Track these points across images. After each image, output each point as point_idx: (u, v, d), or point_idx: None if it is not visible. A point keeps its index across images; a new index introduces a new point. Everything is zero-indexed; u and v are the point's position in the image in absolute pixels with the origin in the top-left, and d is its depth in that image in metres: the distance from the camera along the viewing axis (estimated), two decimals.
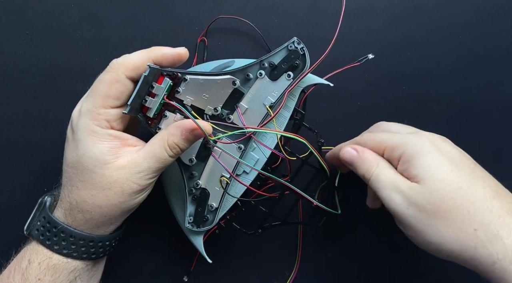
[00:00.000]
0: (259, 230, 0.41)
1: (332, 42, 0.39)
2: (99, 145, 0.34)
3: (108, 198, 0.34)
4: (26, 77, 0.46)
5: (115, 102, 0.34)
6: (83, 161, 0.33)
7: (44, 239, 0.34)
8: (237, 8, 0.46)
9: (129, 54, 0.35)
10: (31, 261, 0.34)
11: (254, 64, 0.38)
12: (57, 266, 0.34)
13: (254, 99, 0.38)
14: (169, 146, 0.34)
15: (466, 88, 0.47)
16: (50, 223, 0.35)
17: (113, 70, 0.34)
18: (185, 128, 0.34)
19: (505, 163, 0.47)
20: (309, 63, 0.37)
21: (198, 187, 0.39)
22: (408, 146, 0.34)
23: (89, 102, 0.34)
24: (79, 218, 0.34)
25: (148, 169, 0.34)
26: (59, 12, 0.46)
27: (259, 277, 0.46)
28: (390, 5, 0.47)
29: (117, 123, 0.35)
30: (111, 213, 0.35)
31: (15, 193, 0.45)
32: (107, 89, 0.34)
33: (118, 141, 0.34)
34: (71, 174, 0.34)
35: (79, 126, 0.34)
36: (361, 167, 0.36)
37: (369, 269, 0.46)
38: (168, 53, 0.36)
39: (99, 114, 0.34)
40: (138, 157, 0.34)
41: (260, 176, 0.39)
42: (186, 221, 0.39)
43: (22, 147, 0.45)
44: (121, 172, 0.33)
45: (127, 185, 0.34)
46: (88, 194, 0.34)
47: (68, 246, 0.34)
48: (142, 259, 0.46)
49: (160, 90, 0.36)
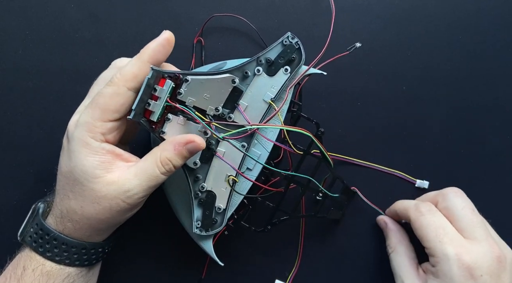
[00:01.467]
0: (268, 227, 0.41)
1: (328, 41, 0.39)
2: (90, 157, 0.33)
3: (96, 211, 0.33)
4: (26, 77, 0.46)
5: (114, 115, 0.34)
6: (75, 172, 0.33)
7: (37, 246, 0.34)
8: (237, 8, 0.46)
9: (125, 63, 0.35)
10: (25, 268, 0.34)
11: (251, 62, 0.38)
12: (51, 272, 0.34)
13: (253, 96, 0.38)
14: (161, 162, 0.34)
15: (466, 88, 0.47)
16: (42, 230, 0.35)
17: (114, 83, 0.34)
18: (178, 143, 0.34)
19: (505, 163, 0.47)
20: (305, 56, 0.37)
21: (204, 189, 0.39)
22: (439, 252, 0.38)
23: (87, 114, 0.34)
24: (69, 227, 0.34)
25: (138, 186, 0.33)
26: (59, 12, 0.46)
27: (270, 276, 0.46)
28: (390, 5, 0.47)
29: (112, 136, 0.35)
30: (99, 226, 0.35)
31: (15, 193, 0.45)
32: (107, 102, 0.34)
33: (110, 155, 0.34)
34: (64, 183, 0.34)
35: (74, 137, 0.34)
36: (386, 238, 0.45)
37: (369, 269, 0.46)
38: (156, 46, 0.35)
39: (95, 127, 0.33)
40: (129, 173, 0.34)
41: (264, 171, 0.39)
42: (194, 226, 0.39)
43: (22, 147, 0.45)
44: (110, 187, 0.33)
45: (115, 202, 0.33)
46: (77, 205, 0.34)
47: (60, 253, 0.34)
48: (149, 272, 0.46)
49: (162, 93, 0.35)
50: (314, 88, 0.45)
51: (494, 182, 0.47)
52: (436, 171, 0.46)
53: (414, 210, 0.41)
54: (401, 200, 0.45)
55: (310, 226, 0.46)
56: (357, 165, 0.46)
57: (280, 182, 0.42)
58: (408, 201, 0.44)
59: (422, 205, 0.41)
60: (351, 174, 0.46)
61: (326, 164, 0.41)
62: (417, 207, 0.41)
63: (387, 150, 0.46)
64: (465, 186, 0.42)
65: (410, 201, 0.44)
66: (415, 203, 0.42)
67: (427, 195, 0.44)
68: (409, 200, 0.44)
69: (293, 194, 0.41)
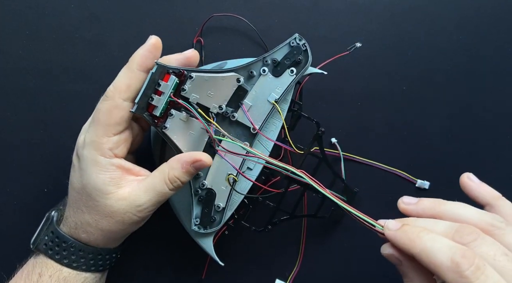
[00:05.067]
0: (269, 226, 0.41)
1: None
2: (101, 175, 0.34)
3: (110, 224, 0.35)
4: (26, 77, 0.45)
5: (117, 128, 0.35)
6: (87, 189, 0.35)
7: (53, 253, 0.36)
8: (237, 8, 0.46)
9: (117, 76, 0.36)
10: (41, 274, 0.35)
11: (257, 61, 0.38)
12: (68, 278, 0.36)
13: (258, 96, 0.38)
14: (169, 180, 0.35)
15: (466, 89, 0.47)
16: (59, 238, 0.36)
17: (109, 97, 0.35)
18: (185, 161, 0.35)
19: (505, 163, 0.47)
20: (311, 58, 0.37)
21: (204, 187, 0.39)
22: None
23: (91, 132, 0.35)
24: (84, 237, 0.36)
25: (148, 202, 0.35)
26: (59, 12, 0.46)
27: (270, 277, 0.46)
28: (390, 5, 0.47)
29: (120, 149, 0.36)
30: (113, 236, 0.37)
31: (15, 193, 0.45)
32: (107, 118, 0.35)
33: (120, 171, 0.35)
34: (77, 198, 0.36)
35: (84, 157, 0.35)
36: (403, 276, 0.31)
37: (369, 269, 0.46)
38: (144, 52, 0.35)
39: (102, 143, 0.34)
40: (139, 189, 0.35)
41: (265, 170, 0.39)
42: (192, 223, 0.39)
43: (22, 147, 0.45)
44: (122, 203, 0.35)
45: (127, 216, 0.35)
46: (92, 219, 0.35)
47: (77, 259, 0.36)
48: (149, 272, 0.46)
49: (166, 88, 0.36)
50: (314, 88, 0.45)
51: (494, 182, 0.46)
52: (437, 171, 0.46)
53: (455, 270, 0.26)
54: (409, 222, 0.31)
55: (311, 226, 0.46)
56: (358, 162, 0.46)
57: (280, 182, 0.42)
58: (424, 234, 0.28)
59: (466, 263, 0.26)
60: (351, 172, 0.46)
61: (327, 163, 0.41)
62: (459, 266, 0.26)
63: (387, 150, 0.46)
64: None
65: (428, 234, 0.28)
66: (452, 257, 0.26)
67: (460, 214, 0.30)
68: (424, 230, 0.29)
69: (293, 194, 0.41)
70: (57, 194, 0.45)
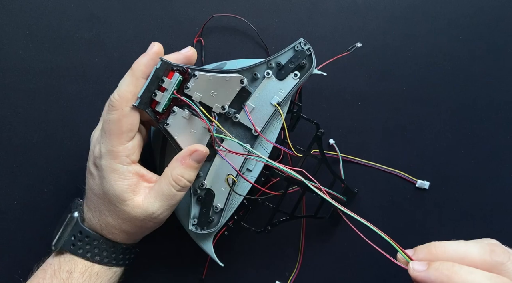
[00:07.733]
0: (268, 227, 0.41)
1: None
2: (120, 182, 0.35)
3: (131, 227, 0.37)
4: (26, 77, 0.46)
5: (129, 134, 0.36)
6: (108, 196, 0.36)
7: (84, 252, 0.37)
8: (237, 8, 0.46)
9: (119, 83, 0.36)
10: (71, 271, 0.36)
11: (261, 64, 0.38)
12: (100, 272, 0.38)
13: (261, 98, 0.38)
14: (174, 180, 0.36)
15: (466, 88, 0.47)
16: (89, 237, 0.37)
17: (116, 107, 0.35)
18: (183, 156, 0.36)
19: (505, 163, 0.47)
20: (315, 63, 0.38)
21: (203, 187, 0.39)
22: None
23: (106, 143, 0.35)
24: (110, 237, 0.38)
25: (160, 208, 0.36)
26: (59, 12, 0.46)
27: (270, 277, 0.46)
28: (390, 5, 0.47)
29: (135, 154, 0.37)
30: (135, 236, 0.39)
31: (15, 193, 0.45)
32: (118, 128, 0.35)
33: (136, 177, 0.36)
34: (99, 202, 0.37)
35: (103, 166, 0.36)
36: None
37: (370, 269, 0.46)
38: (147, 61, 0.36)
39: (118, 152, 0.35)
40: (150, 196, 0.36)
41: (264, 172, 0.39)
42: (190, 223, 0.39)
43: (22, 147, 0.45)
44: (137, 210, 0.36)
45: (144, 222, 0.37)
46: (115, 222, 0.37)
47: (108, 255, 0.38)
48: (149, 272, 0.46)
49: (170, 85, 0.36)
50: (314, 88, 0.45)
51: (494, 182, 0.47)
52: (437, 171, 0.46)
53: None
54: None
55: (310, 227, 0.46)
56: (358, 163, 0.46)
57: (280, 183, 0.42)
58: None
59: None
60: (351, 173, 0.46)
61: (327, 165, 0.41)
62: None
63: (387, 150, 0.46)
64: (465, 186, 0.41)
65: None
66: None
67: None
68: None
69: (293, 195, 0.41)
70: (57, 194, 0.45)
